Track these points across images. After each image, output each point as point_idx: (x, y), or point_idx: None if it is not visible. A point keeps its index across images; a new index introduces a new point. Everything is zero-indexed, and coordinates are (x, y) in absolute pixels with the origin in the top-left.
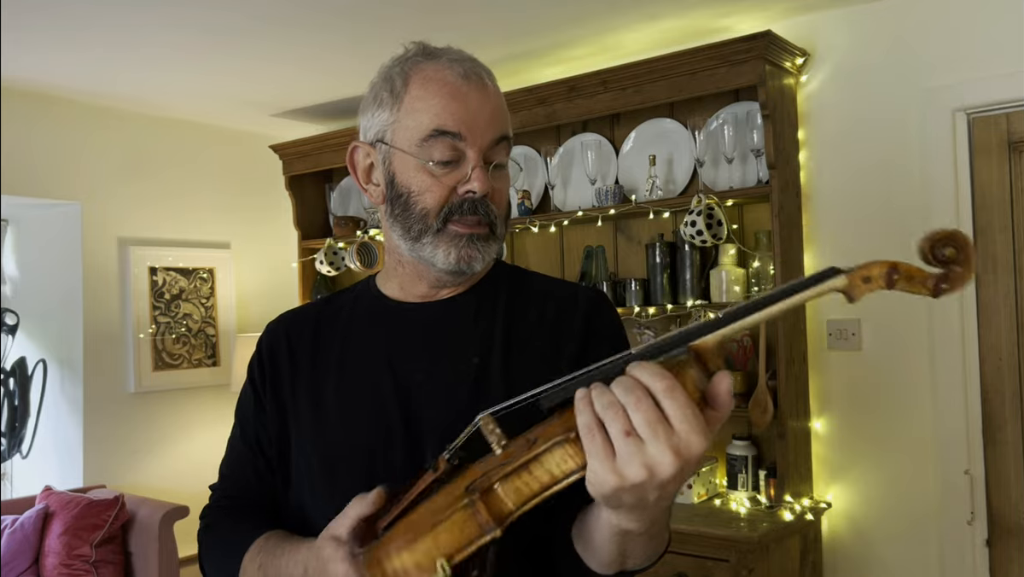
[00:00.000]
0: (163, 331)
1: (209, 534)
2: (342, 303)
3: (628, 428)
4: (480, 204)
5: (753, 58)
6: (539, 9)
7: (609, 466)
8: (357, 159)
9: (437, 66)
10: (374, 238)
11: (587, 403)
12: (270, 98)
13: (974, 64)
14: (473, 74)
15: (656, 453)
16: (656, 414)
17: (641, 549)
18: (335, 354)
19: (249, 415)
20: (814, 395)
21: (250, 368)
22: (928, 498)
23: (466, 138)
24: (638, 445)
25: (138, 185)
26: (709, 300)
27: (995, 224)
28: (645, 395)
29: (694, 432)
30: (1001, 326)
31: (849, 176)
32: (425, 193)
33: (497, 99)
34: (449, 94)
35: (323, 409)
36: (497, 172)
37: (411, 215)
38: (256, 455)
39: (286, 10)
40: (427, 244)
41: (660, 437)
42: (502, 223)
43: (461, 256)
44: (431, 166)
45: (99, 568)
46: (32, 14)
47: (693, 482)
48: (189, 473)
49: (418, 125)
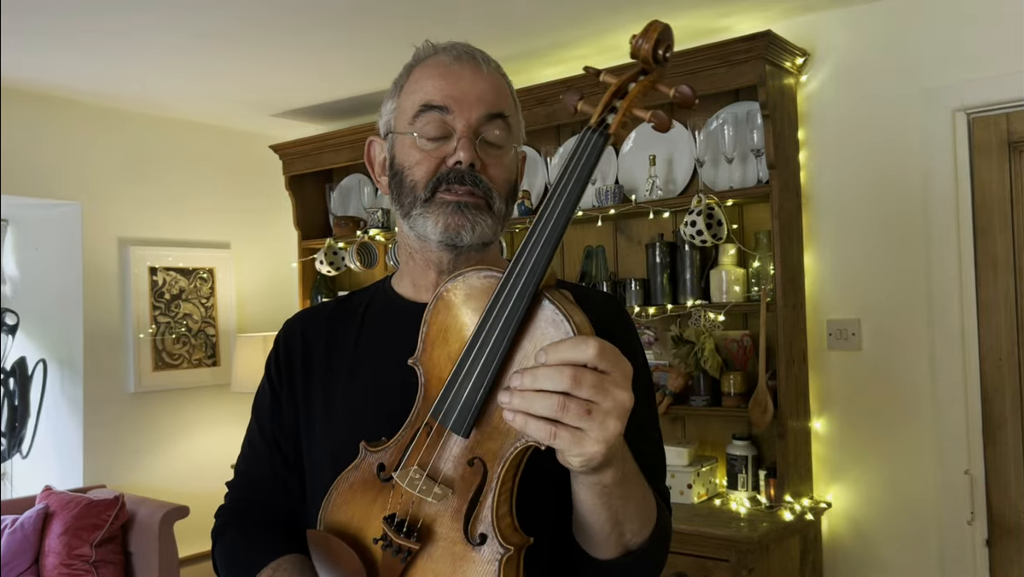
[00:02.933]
0: (163, 331)
1: (223, 538)
2: (358, 302)
3: (583, 408)
4: (468, 175)
5: (753, 58)
6: (539, 9)
7: (585, 445)
8: (374, 153)
9: (436, 55)
10: (374, 238)
11: (527, 414)
12: (270, 98)
13: (974, 64)
14: (466, 54)
15: (615, 403)
16: (594, 377)
17: (634, 511)
18: (348, 353)
19: (266, 411)
20: (814, 395)
21: (268, 364)
22: (928, 498)
23: (453, 111)
24: (598, 409)
25: (138, 185)
26: (709, 300)
27: (995, 224)
28: (571, 369)
29: (619, 358)
30: (1001, 326)
31: (849, 176)
32: (415, 167)
33: (493, 78)
34: (439, 74)
35: (334, 408)
36: (490, 148)
37: (403, 189)
38: (273, 451)
39: (286, 11)
40: (418, 216)
41: (608, 389)
42: (501, 199)
43: (448, 224)
44: (420, 140)
45: (99, 568)
46: (33, 15)
47: (693, 482)
48: (189, 473)
49: (411, 104)
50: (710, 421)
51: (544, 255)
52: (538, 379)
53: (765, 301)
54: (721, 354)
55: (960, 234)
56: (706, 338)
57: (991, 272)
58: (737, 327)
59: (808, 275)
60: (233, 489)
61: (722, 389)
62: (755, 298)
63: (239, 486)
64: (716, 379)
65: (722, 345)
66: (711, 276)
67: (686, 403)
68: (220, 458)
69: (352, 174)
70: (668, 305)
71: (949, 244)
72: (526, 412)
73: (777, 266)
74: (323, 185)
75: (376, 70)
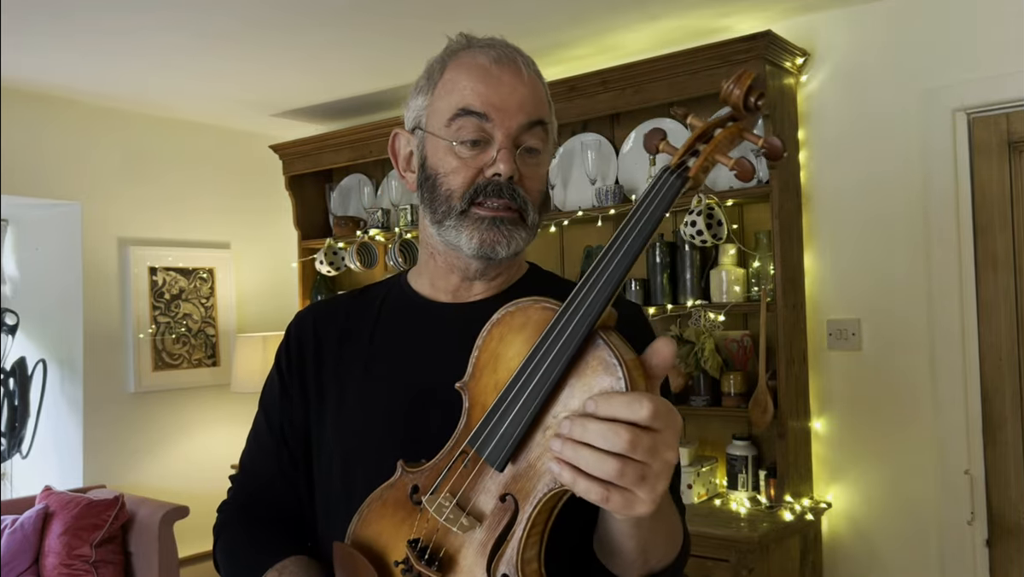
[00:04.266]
0: (163, 331)
1: (225, 535)
2: (373, 296)
3: (638, 474)
4: (506, 187)
5: (753, 58)
6: (539, 9)
7: (635, 507)
8: (399, 146)
9: (472, 52)
10: (374, 238)
11: (577, 470)
12: (270, 98)
13: (974, 64)
14: (506, 57)
15: (663, 464)
16: (649, 440)
17: (662, 540)
18: (362, 349)
19: (275, 404)
20: (814, 395)
21: (277, 356)
22: (928, 498)
23: (493, 119)
24: (650, 471)
25: (138, 185)
26: (709, 300)
27: (995, 224)
28: (629, 431)
29: (672, 416)
30: (1001, 325)
31: (849, 176)
32: (451, 175)
33: (533, 84)
34: (478, 76)
35: (346, 405)
36: (529, 157)
37: (437, 197)
38: (280, 446)
39: (286, 11)
40: (451, 227)
41: (659, 451)
42: (534, 210)
43: (484, 240)
44: (457, 147)
45: (99, 568)
46: (33, 15)
47: (693, 482)
48: (189, 473)
49: (448, 106)
50: (710, 421)
51: (605, 292)
52: (588, 432)
53: (765, 301)
54: (721, 354)
55: (960, 234)
56: (706, 338)
57: (991, 272)
58: (737, 327)
59: (808, 275)
60: (237, 484)
61: (722, 389)
62: (755, 298)
63: (244, 482)
64: (716, 379)
65: (722, 345)
66: (711, 276)
67: (686, 403)
68: (220, 458)
69: (352, 174)
70: (668, 305)
71: (949, 244)
72: (575, 466)
73: (777, 266)
74: (323, 185)
75: (376, 70)
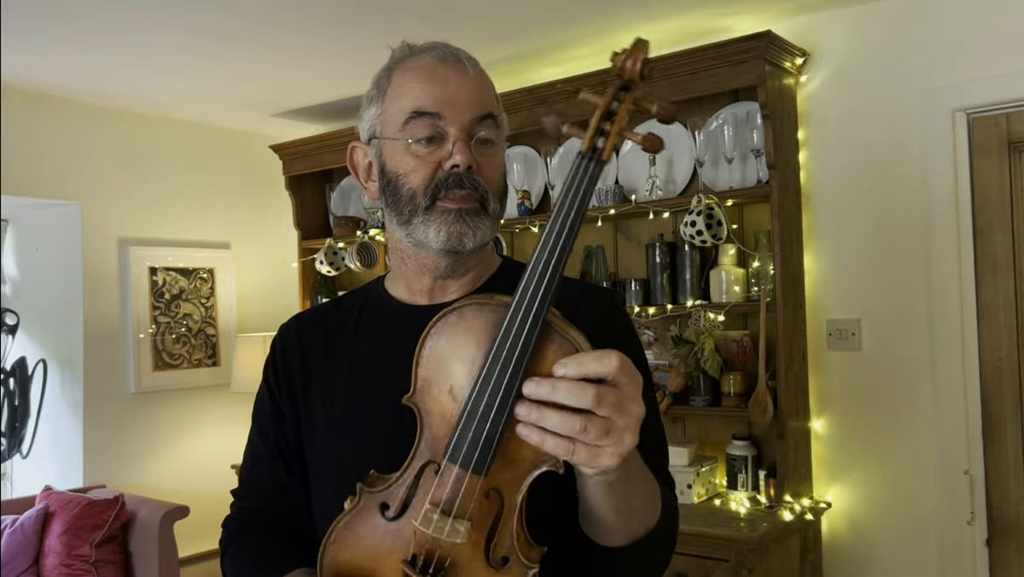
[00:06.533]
0: (163, 331)
1: (230, 552)
2: (351, 304)
3: (603, 428)
4: (466, 178)
5: (753, 58)
6: (539, 9)
7: (601, 459)
8: (357, 159)
9: (416, 55)
10: (374, 238)
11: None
12: (270, 98)
13: (974, 64)
14: (450, 55)
15: (631, 418)
16: (613, 395)
17: (639, 503)
18: (345, 357)
19: (267, 418)
20: (814, 395)
21: (265, 370)
22: (928, 498)
23: (445, 116)
24: (615, 427)
25: (138, 185)
26: (709, 300)
27: (995, 224)
28: (594, 387)
29: (635, 372)
30: (1001, 327)
31: (849, 176)
32: (411, 174)
33: (479, 79)
34: (426, 77)
35: (334, 413)
36: (484, 148)
37: (401, 198)
38: (276, 459)
39: (286, 10)
40: (419, 224)
41: (625, 406)
42: (495, 199)
43: (451, 232)
44: (413, 146)
45: (99, 568)
46: (32, 15)
47: (693, 482)
48: (189, 473)
49: (400, 111)
50: (710, 421)
51: (551, 284)
52: (558, 392)
53: (765, 301)
54: (721, 354)
55: (960, 234)
56: (706, 338)
57: (991, 273)
58: (737, 327)
59: (808, 275)
60: (238, 499)
61: (722, 389)
62: (755, 298)
63: (244, 496)
64: (716, 379)
65: (722, 345)
66: (711, 276)
67: (686, 403)
68: (220, 458)
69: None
70: (668, 305)
71: (949, 244)
72: (542, 427)
73: (777, 266)
74: (323, 185)
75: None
